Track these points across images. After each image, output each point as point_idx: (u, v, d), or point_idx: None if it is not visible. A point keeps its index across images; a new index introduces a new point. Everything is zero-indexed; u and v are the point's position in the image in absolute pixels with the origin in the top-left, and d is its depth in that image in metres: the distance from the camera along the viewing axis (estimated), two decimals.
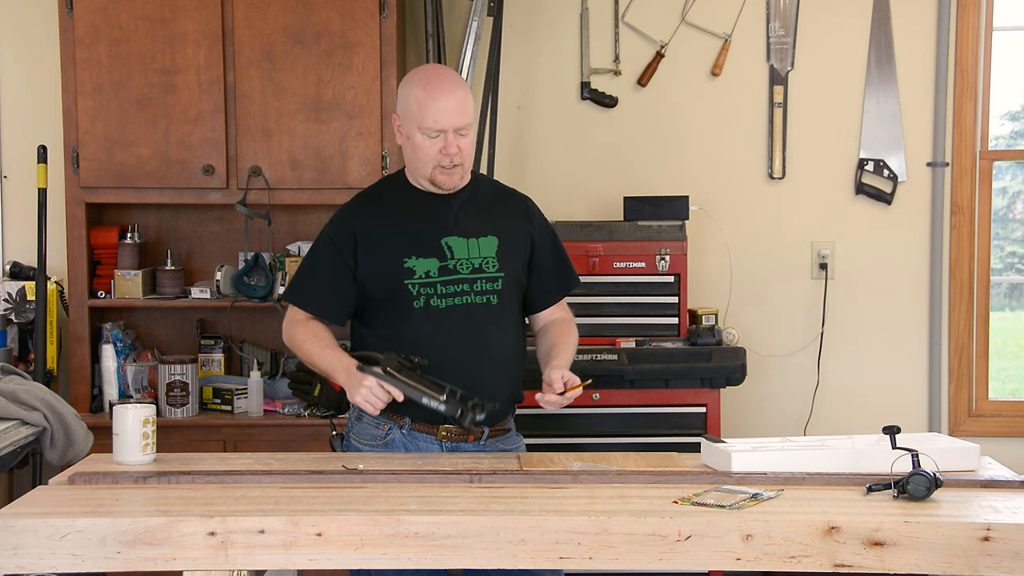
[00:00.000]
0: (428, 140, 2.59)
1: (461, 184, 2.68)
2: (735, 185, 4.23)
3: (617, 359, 3.69)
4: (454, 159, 2.60)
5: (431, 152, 2.60)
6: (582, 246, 3.79)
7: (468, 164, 2.67)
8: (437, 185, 2.65)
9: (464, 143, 2.61)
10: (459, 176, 2.65)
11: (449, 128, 2.58)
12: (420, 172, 2.65)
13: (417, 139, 2.61)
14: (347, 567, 2.11)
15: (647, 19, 4.21)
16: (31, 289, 3.87)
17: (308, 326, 2.69)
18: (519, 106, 4.24)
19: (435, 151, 2.60)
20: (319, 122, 3.76)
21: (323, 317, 2.70)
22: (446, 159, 2.60)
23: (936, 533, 2.04)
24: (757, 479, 2.31)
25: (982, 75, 4.19)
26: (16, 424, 3.03)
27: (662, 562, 2.06)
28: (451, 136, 2.58)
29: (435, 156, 2.60)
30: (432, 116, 2.57)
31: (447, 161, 2.60)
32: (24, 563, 2.03)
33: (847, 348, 4.23)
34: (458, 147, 2.60)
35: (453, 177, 2.64)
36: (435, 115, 2.57)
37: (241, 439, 3.75)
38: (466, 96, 2.62)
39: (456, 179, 2.65)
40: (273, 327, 4.05)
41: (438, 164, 2.61)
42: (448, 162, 2.61)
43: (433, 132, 2.58)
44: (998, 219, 4.40)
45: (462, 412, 2.44)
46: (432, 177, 2.64)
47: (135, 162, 3.77)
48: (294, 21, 3.73)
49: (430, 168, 2.62)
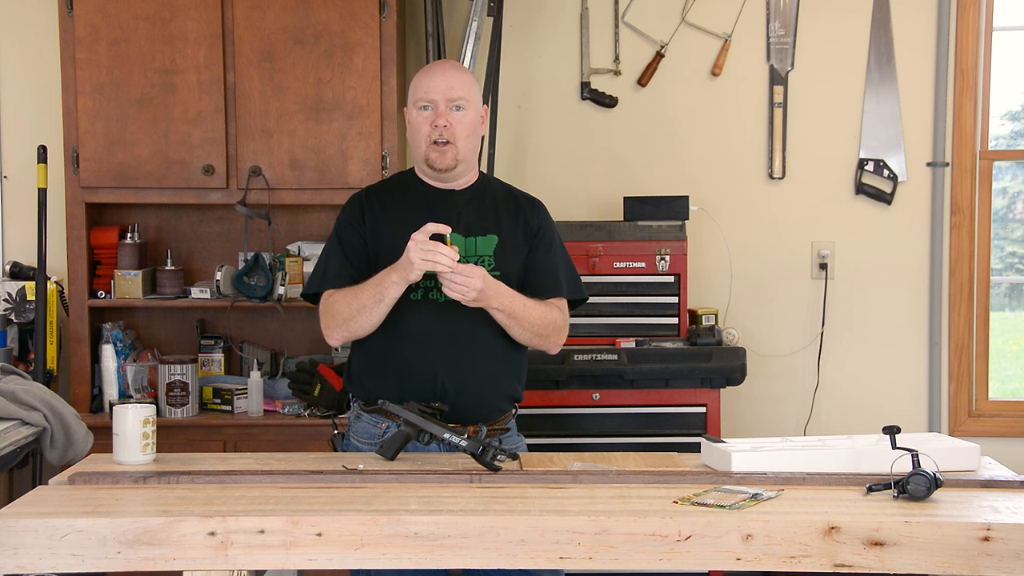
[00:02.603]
0: (421, 114, 2.65)
1: (454, 165, 2.67)
2: (735, 185, 4.23)
3: (617, 359, 3.69)
4: (444, 133, 2.61)
5: (424, 128, 2.64)
6: (582, 246, 3.79)
7: (462, 146, 2.66)
8: (430, 165, 2.66)
9: (456, 119, 2.63)
10: (451, 156, 2.64)
11: (440, 99, 2.62)
12: (418, 154, 2.68)
13: (412, 116, 2.67)
14: (347, 567, 2.11)
15: (647, 19, 4.21)
16: (31, 289, 3.87)
17: (337, 294, 2.62)
18: (519, 106, 4.24)
19: (427, 126, 2.63)
20: (319, 122, 3.76)
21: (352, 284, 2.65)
22: (436, 132, 2.62)
23: (936, 533, 2.04)
24: (757, 479, 2.31)
25: (982, 75, 4.19)
26: (16, 424, 3.02)
27: (662, 562, 2.06)
28: (442, 107, 2.62)
29: (427, 131, 2.63)
30: (424, 88, 2.64)
31: (437, 134, 2.62)
32: (24, 563, 2.03)
33: (847, 348, 4.23)
34: (449, 121, 2.61)
35: (445, 156, 2.64)
36: (426, 87, 2.64)
37: (241, 439, 3.75)
38: (461, 75, 2.66)
39: (448, 159, 2.64)
40: (273, 327, 4.06)
41: (430, 140, 2.63)
42: (439, 135, 2.62)
43: (423, 103, 2.63)
44: (998, 219, 4.40)
45: (483, 449, 2.40)
46: (426, 156, 2.65)
47: (135, 162, 3.77)
48: (294, 21, 3.73)
49: (424, 147, 2.65)
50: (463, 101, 2.64)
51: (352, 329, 2.61)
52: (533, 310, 2.63)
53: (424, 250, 2.45)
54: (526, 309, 2.62)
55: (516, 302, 2.60)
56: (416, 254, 2.46)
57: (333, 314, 2.63)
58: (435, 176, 2.70)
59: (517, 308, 2.60)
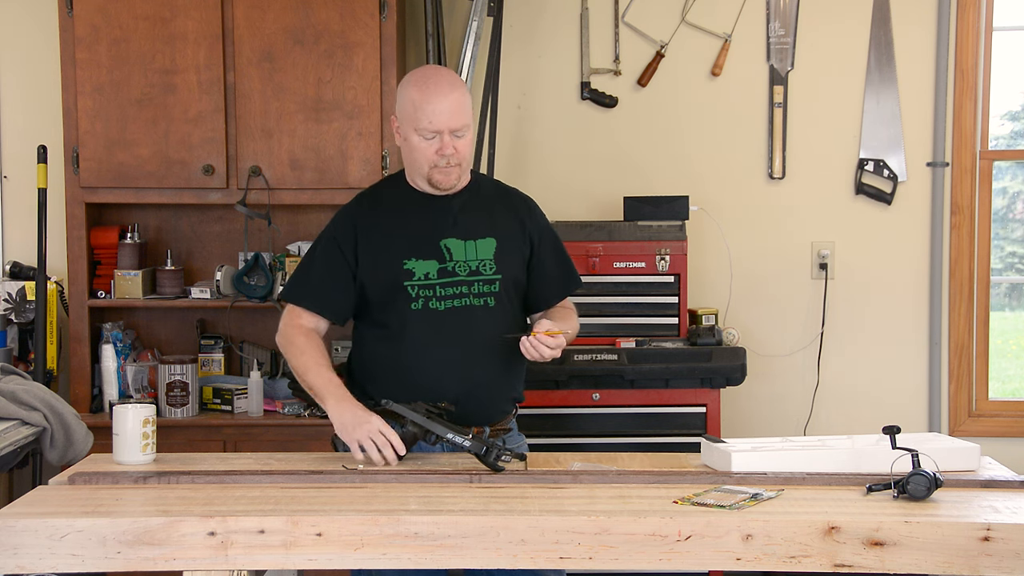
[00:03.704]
0: (424, 141, 2.59)
1: (459, 184, 2.68)
2: (735, 185, 4.23)
3: (617, 359, 3.69)
4: (451, 160, 2.60)
5: (427, 153, 2.60)
6: (582, 246, 3.79)
7: (466, 164, 2.67)
8: (435, 185, 2.64)
9: (461, 144, 2.61)
10: (456, 176, 2.64)
11: (445, 129, 2.57)
12: (417, 173, 2.65)
13: (414, 140, 2.60)
14: (347, 567, 2.11)
15: (647, 19, 4.21)
16: (31, 289, 3.87)
17: (308, 338, 2.66)
18: (519, 106, 4.24)
19: (431, 152, 2.59)
20: (319, 122, 3.76)
21: (322, 313, 2.69)
22: (442, 160, 2.60)
23: (936, 533, 2.04)
24: (757, 479, 2.31)
25: (982, 75, 4.19)
26: (16, 424, 3.02)
27: (662, 562, 2.06)
28: (447, 137, 2.58)
29: (431, 157, 2.60)
30: (427, 117, 2.56)
31: (443, 162, 2.60)
32: (24, 563, 2.03)
33: (847, 348, 4.23)
34: (454, 148, 2.59)
35: (450, 177, 2.63)
36: (430, 116, 2.56)
37: (241, 439, 3.75)
38: (462, 97, 2.60)
39: (453, 179, 2.64)
40: (273, 327, 4.03)
41: (435, 164, 2.61)
42: (445, 163, 2.60)
43: (429, 133, 2.58)
44: (998, 219, 4.40)
45: (487, 450, 2.40)
46: (429, 177, 2.63)
47: (135, 162, 3.77)
48: (294, 21, 3.73)
49: (427, 169, 2.62)
50: (465, 127, 2.61)
51: None
52: (568, 321, 2.75)
53: (369, 438, 2.47)
54: (570, 332, 2.72)
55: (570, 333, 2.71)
56: (360, 435, 2.47)
57: (287, 338, 2.69)
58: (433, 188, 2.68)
59: (570, 336, 2.71)
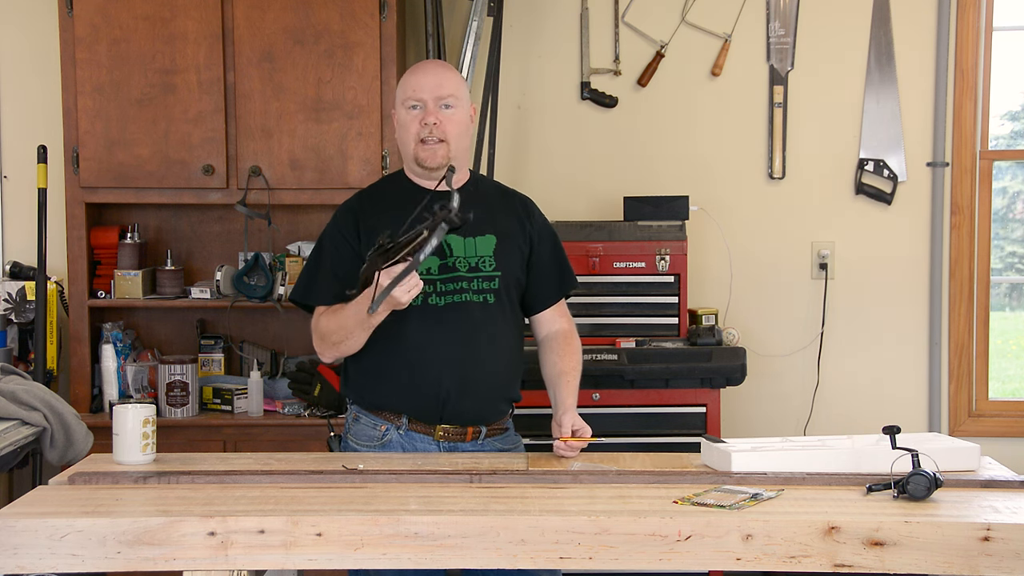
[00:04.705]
0: (410, 113, 2.62)
1: (445, 163, 2.63)
2: (735, 185, 4.23)
3: (617, 359, 3.69)
4: (434, 131, 2.60)
5: (413, 127, 2.62)
6: (582, 246, 3.79)
7: (454, 144, 2.64)
8: (421, 163, 2.64)
9: (446, 117, 2.61)
10: (443, 155, 2.62)
11: (428, 97, 2.60)
12: (407, 153, 2.66)
13: (401, 116, 2.65)
14: (347, 567, 2.11)
15: (647, 19, 4.21)
16: (31, 289, 3.87)
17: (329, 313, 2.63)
18: (519, 106, 4.24)
19: (416, 124, 2.61)
20: (319, 122, 3.76)
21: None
22: (425, 130, 2.60)
23: (936, 533, 2.04)
24: (757, 479, 2.31)
25: (982, 75, 4.19)
26: (16, 424, 3.03)
27: (662, 562, 2.06)
28: (431, 106, 2.60)
29: (416, 129, 2.61)
30: (412, 87, 2.62)
31: (427, 132, 2.60)
32: (24, 563, 2.03)
33: (847, 348, 4.23)
34: (438, 118, 2.60)
35: (436, 154, 2.62)
36: (414, 86, 2.62)
37: (241, 439, 3.75)
38: (449, 73, 2.65)
39: (439, 157, 2.62)
40: (273, 327, 4.06)
41: (419, 138, 2.61)
42: (428, 133, 2.60)
43: (412, 102, 2.61)
44: (998, 219, 4.40)
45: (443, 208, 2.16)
46: (415, 154, 2.63)
47: (135, 162, 3.77)
48: (294, 21, 3.73)
49: (412, 145, 2.63)
50: (452, 99, 2.62)
51: (343, 350, 2.62)
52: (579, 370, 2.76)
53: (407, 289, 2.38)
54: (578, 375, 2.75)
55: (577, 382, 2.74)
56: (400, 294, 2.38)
57: (323, 336, 2.63)
58: (426, 175, 2.66)
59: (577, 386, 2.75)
